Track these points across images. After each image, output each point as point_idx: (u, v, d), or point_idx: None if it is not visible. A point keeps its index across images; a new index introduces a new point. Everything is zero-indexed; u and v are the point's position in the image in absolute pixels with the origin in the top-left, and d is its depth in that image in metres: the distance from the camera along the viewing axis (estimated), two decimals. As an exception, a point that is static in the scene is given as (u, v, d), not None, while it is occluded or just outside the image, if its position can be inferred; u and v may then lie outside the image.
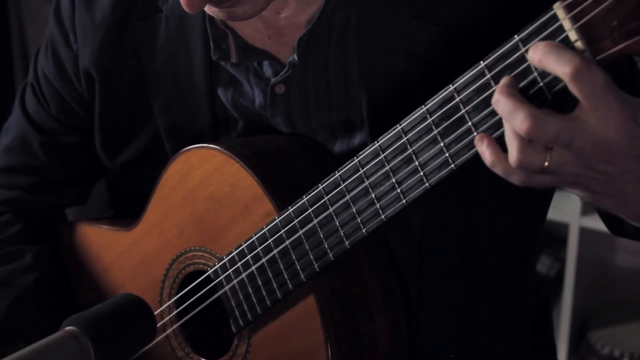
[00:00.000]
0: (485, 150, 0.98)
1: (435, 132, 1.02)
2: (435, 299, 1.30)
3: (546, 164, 0.94)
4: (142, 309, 1.13)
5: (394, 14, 1.19)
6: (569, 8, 0.90)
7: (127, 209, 1.44)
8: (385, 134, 1.06)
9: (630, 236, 1.22)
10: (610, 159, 0.93)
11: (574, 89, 0.91)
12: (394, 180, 1.07)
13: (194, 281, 1.30)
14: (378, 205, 1.09)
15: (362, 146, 1.16)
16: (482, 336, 1.35)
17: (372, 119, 1.21)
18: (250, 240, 1.22)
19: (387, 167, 1.07)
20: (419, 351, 1.31)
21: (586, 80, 0.90)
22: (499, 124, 0.97)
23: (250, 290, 1.23)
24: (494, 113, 0.96)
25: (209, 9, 1.13)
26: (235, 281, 1.24)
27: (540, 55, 0.92)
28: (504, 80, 0.95)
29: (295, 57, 1.22)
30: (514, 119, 0.93)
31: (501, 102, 0.94)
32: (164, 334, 1.34)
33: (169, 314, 1.34)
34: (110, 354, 1.04)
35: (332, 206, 1.14)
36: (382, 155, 1.07)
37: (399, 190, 1.06)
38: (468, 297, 1.32)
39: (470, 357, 1.36)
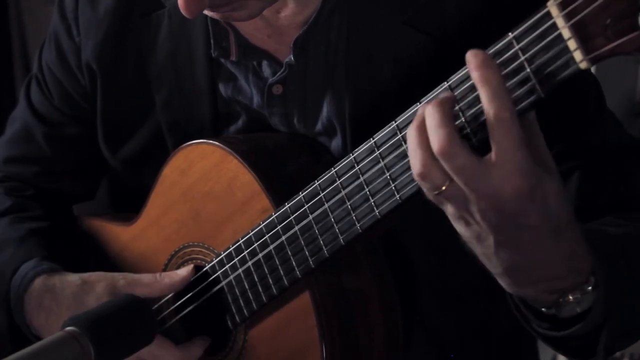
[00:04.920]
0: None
1: None
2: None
3: (443, 187, 0.95)
4: (142, 309, 1.14)
5: (384, 20, 1.20)
6: (562, 6, 0.91)
7: (128, 204, 1.45)
8: (381, 130, 1.07)
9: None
10: (491, 216, 0.94)
11: (490, 132, 0.93)
12: (388, 176, 1.07)
13: (193, 276, 1.30)
14: (372, 202, 1.10)
15: (343, 149, 1.17)
16: (455, 350, 1.36)
17: (354, 122, 1.23)
18: (247, 236, 1.22)
19: (382, 164, 1.07)
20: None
21: (503, 129, 0.91)
22: None
23: (247, 286, 1.24)
24: None
25: (207, 11, 1.14)
26: (232, 277, 1.25)
27: (482, 81, 0.93)
28: (443, 94, 0.96)
29: (292, 58, 1.23)
30: (436, 133, 0.94)
31: (430, 113, 0.95)
32: (162, 328, 1.34)
33: (168, 308, 1.34)
34: (110, 354, 1.05)
35: (327, 202, 1.14)
36: (378, 152, 1.07)
37: (393, 186, 1.07)
38: (441, 310, 1.33)
39: None
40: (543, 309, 1.06)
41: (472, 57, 0.94)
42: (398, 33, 1.20)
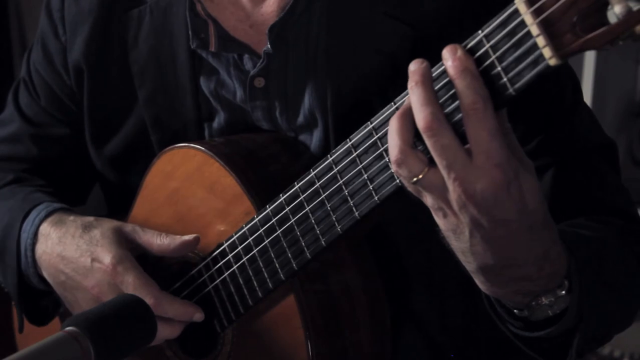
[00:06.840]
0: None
1: None
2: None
3: (421, 176, 0.95)
4: (142, 309, 1.14)
5: (365, 11, 1.20)
6: (530, 3, 0.90)
7: (120, 206, 1.45)
8: (357, 131, 1.06)
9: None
10: (467, 206, 0.94)
11: (465, 123, 0.92)
12: (365, 177, 1.07)
13: (179, 281, 1.30)
14: (352, 203, 1.09)
15: (324, 140, 1.16)
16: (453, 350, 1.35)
17: (336, 112, 1.22)
18: (231, 240, 1.22)
19: (360, 165, 1.07)
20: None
21: (477, 120, 0.91)
22: None
23: (233, 289, 1.24)
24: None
25: None
26: (218, 280, 1.25)
27: (456, 73, 0.93)
28: (423, 69, 0.95)
29: (269, 46, 1.23)
30: (422, 111, 0.93)
31: (415, 91, 0.95)
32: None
33: (156, 313, 1.34)
34: (110, 354, 1.05)
35: (307, 204, 1.14)
36: (355, 154, 1.07)
37: (371, 187, 1.06)
38: (432, 305, 1.32)
39: None
40: (515, 311, 1.06)
41: (447, 51, 0.94)
42: (379, 23, 1.19)
